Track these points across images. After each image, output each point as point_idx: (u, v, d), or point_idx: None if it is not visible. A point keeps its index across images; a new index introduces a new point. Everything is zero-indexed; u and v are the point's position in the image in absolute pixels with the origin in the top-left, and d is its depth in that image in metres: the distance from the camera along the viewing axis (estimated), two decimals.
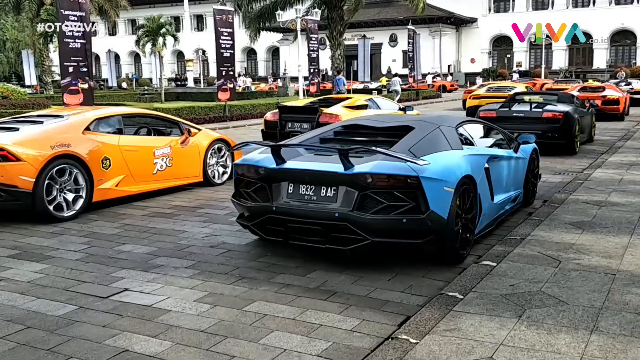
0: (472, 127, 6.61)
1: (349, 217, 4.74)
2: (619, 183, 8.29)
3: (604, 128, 17.80)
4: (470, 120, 6.57)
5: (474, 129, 6.63)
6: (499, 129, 7.19)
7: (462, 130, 6.17)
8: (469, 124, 6.46)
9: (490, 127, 7.07)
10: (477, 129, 6.72)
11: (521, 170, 7.12)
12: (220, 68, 20.51)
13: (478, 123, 6.90)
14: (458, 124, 6.10)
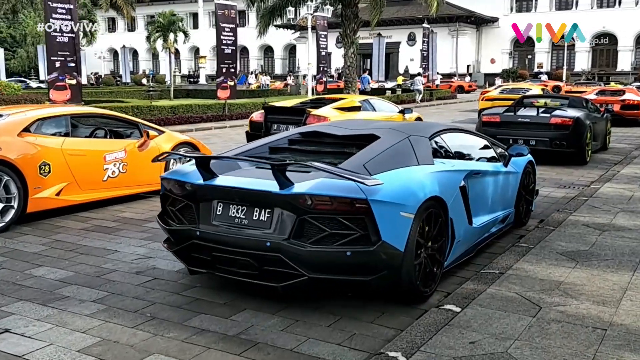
0: (453, 136, 5.70)
1: (283, 247, 3.89)
2: (629, 201, 7.32)
3: (622, 134, 16.69)
4: (450, 129, 5.67)
5: (455, 139, 5.72)
6: (488, 139, 6.28)
7: (439, 141, 5.28)
8: (448, 133, 5.55)
9: (478, 137, 6.16)
10: (459, 139, 5.81)
11: (512, 186, 6.21)
12: (220, 65, 19.75)
13: (461, 132, 5.99)
14: (434, 134, 5.21)
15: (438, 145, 5.24)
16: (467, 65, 63.00)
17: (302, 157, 4.85)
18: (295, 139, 5.28)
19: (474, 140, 6.05)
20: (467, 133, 6.09)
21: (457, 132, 5.86)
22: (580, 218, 6.47)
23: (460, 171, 4.98)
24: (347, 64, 35.91)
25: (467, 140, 5.95)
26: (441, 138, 5.34)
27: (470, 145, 5.93)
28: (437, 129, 5.39)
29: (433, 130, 5.29)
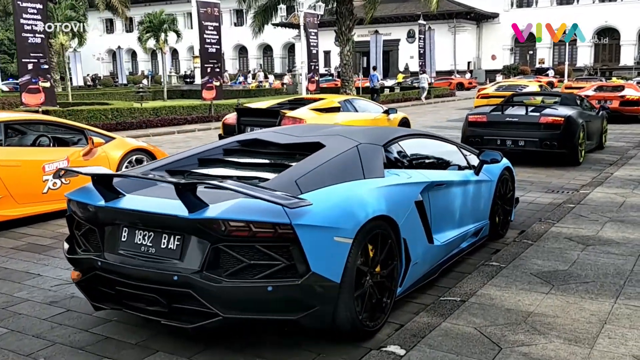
0: (416, 143, 5.08)
1: (193, 281, 3.28)
2: (619, 208, 6.68)
3: (620, 132, 16.03)
4: (413, 135, 5.05)
5: (418, 146, 5.10)
6: (458, 144, 5.65)
7: (396, 149, 4.66)
8: (409, 140, 4.93)
9: (446, 143, 5.53)
10: (422, 146, 5.19)
11: (485, 196, 5.58)
12: (204, 65, 19.13)
13: (426, 137, 5.36)
14: (390, 141, 4.59)
15: (395, 154, 4.62)
16: (468, 62, 62.30)
17: (235, 170, 4.24)
18: (231, 149, 4.67)
19: (441, 147, 5.43)
20: (434, 138, 5.47)
21: (420, 138, 5.24)
22: (563, 229, 5.84)
23: (417, 184, 4.36)
24: (343, 62, 35.29)
25: (433, 147, 5.33)
26: (400, 145, 4.72)
27: (435, 153, 5.31)
28: (395, 135, 4.76)
29: (390, 136, 4.67)
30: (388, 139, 4.59)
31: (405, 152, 4.75)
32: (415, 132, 5.31)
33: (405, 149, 4.78)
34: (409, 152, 4.83)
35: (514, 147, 10.37)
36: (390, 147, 4.59)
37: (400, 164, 4.62)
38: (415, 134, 5.22)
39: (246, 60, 76.83)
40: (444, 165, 5.31)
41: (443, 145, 5.47)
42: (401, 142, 4.77)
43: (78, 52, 49.55)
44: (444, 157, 5.41)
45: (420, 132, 5.40)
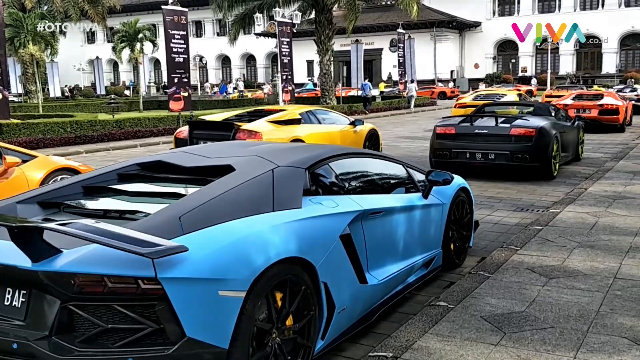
0: (351, 164, 4.42)
1: (36, 351, 2.58)
2: (590, 231, 6.05)
3: (600, 142, 15.51)
4: (348, 154, 4.38)
5: (353, 166, 4.45)
6: (406, 163, 4.99)
7: (325, 172, 4.00)
8: (343, 160, 4.27)
9: (390, 162, 4.87)
10: (360, 167, 4.53)
11: (436, 222, 4.93)
12: (171, 74, 18.44)
13: (366, 157, 4.70)
14: (317, 163, 3.92)
15: (323, 178, 3.96)
16: (451, 70, 62.01)
17: (118, 201, 3.56)
18: (127, 174, 3.97)
19: (385, 167, 4.77)
20: (377, 158, 4.80)
21: (359, 158, 4.58)
22: (526, 258, 5.19)
23: (344, 214, 3.69)
24: (322, 71, 34.79)
25: (374, 168, 4.67)
26: (330, 167, 4.05)
27: (377, 175, 4.66)
28: (326, 155, 4.09)
29: (319, 157, 4.00)
30: (315, 160, 3.92)
31: (337, 175, 4.09)
32: (353, 151, 4.64)
33: (337, 171, 4.12)
34: (342, 175, 4.18)
35: (484, 161, 9.77)
36: (318, 169, 3.92)
37: (329, 189, 3.96)
38: (353, 153, 4.56)
39: (229, 70, 76.17)
40: (387, 188, 4.66)
41: (387, 165, 4.82)
42: (333, 163, 4.10)
43: (55, 63, 48.63)
44: (387, 180, 4.76)
45: (359, 151, 4.74)
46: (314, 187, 3.77)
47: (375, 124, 24.73)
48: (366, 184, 4.46)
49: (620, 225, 6.23)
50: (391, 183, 4.76)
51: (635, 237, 5.77)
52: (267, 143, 4.70)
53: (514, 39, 61.42)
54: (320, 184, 3.92)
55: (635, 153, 12.25)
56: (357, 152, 4.64)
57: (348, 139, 11.45)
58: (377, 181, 4.63)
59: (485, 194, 8.81)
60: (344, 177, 4.20)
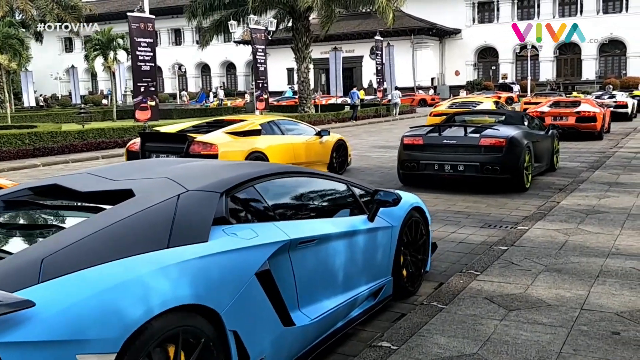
0: (288, 184, 3.91)
1: None
2: (559, 252, 5.57)
3: (576, 150, 15.14)
4: (279, 173, 3.85)
5: (290, 187, 3.93)
6: (350, 182, 4.46)
7: (250, 195, 3.47)
8: (279, 179, 3.75)
9: (332, 181, 4.34)
10: (297, 188, 4.01)
11: (384, 247, 4.41)
12: (137, 83, 17.78)
13: (303, 176, 4.16)
14: (239, 185, 3.39)
15: (244, 203, 3.44)
16: (432, 77, 61.88)
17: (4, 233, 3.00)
18: (15, 200, 3.41)
19: (324, 188, 4.24)
20: (315, 177, 4.27)
21: (294, 178, 4.03)
22: (486, 285, 4.69)
23: (263, 246, 3.15)
24: (300, 79, 34.34)
25: (311, 189, 4.15)
26: (255, 190, 3.51)
27: (313, 197, 4.14)
28: (250, 175, 3.55)
29: (241, 178, 3.46)
30: (236, 183, 3.38)
31: (265, 199, 3.55)
32: (289, 170, 4.09)
33: (266, 194, 3.58)
34: (272, 198, 3.66)
35: (453, 173, 9.29)
36: (240, 193, 3.39)
37: (252, 216, 3.44)
38: (288, 172, 4.01)
39: (209, 78, 75.50)
40: (327, 212, 4.14)
41: (329, 185, 4.29)
42: (261, 185, 3.57)
43: (30, 72, 47.69)
44: (327, 202, 4.24)
45: (295, 170, 4.18)
46: (232, 214, 3.24)
47: (351, 132, 24.42)
48: (301, 208, 3.93)
49: (591, 245, 5.75)
50: (332, 206, 4.24)
51: (607, 258, 5.29)
52: (191, 162, 4.15)
53: (494, 46, 61.57)
54: (242, 210, 3.39)
55: (612, 162, 11.86)
56: (293, 172, 4.09)
57: (313, 151, 10.94)
58: (315, 204, 4.10)
59: (453, 208, 8.32)
60: (274, 201, 3.68)
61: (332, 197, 4.28)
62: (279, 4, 32.88)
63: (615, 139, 17.56)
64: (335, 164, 11.57)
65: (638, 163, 11.60)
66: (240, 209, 3.38)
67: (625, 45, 56.42)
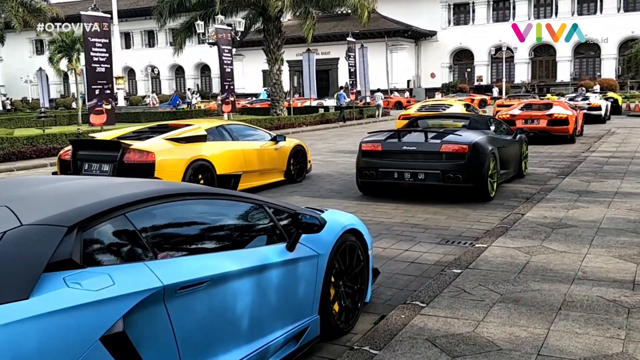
0: (178, 210, 3.17)
1: None
2: (518, 276, 4.91)
3: (548, 154, 14.62)
4: (177, 195, 3.11)
5: (180, 213, 3.20)
6: (270, 204, 3.73)
7: (120, 226, 2.75)
8: (165, 204, 3.01)
9: (248, 203, 3.61)
10: (189, 213, 3.28)
11: (308, 280, 3.70)
12: (92, 86, 16.95)
13: (203, 197, 3.42)
14: (103, 213, 2.66)
15: (108, 239, 2.71)
16: (407, 80, 61.53)
17: None
18: None
19: (229, 213, 3.52)
20: (219, 198, 3.52)
21: (189, 201, 3.28)
22: (430, 321, 4.00)
23: (118, 299, 2.42)
24: (272, 81, 33.61)
25: (211, 215, 3.42)
26: (127, 220, 2.78)
27: (213, 225, 3.43)
28: (122, 201, 2.81)
29: (105, 206, 2.72)
30: (95, 212, 2.65)
31: (139, 231, 2.81)
32: (185, 190, 3.34)
33: (141, 225, 2.84)
34: (151, 230, 2.94)
35: (413, 181, 8.64)
36: (100, 225, 2.66)
37: (115, 256, 2.72)
38: (183, 193, 3.27)
39: (183, 81, 74.39)
40: (231, 244, 3.40)
41: (237, 209, 3.56)
42: (136, 213, 2.84)
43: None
44: (232, 231, 3.52)
45: (194, 191, 3.42)
46: (86, 255, 2.51)
47: (320, 136, 23.76)
48: (193, 241, 3.19)
49: (555, 267, 5.11)
50: (240, 235, 3.52)
51: (572, 284, 4.65)
52: (66, 181, 3.41)
53: (469, 48, 61.41)
54: (102, 248, 2.67)
55: (584, 168, 11.31)
56: (192, 193, 3.35)
57: (267, 157, 10.22)
58: (215, 234, 3.37)
59: (411, 220, 7.66)
60: (154, 234, 2.96)
61: (242, 223, 3.56)
62: (250, 5, 32.18)
63: (588, 142, 17.10)
64: (293, 171, 10.87)
65: (610, 169, 11.07)
66: (99, 247, 2.65)
67: (600, 47, 56.58)
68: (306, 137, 22.43)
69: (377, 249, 6.24)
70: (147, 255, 2.78)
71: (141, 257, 2.75)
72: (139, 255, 2.76)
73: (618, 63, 56.24)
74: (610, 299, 4.31)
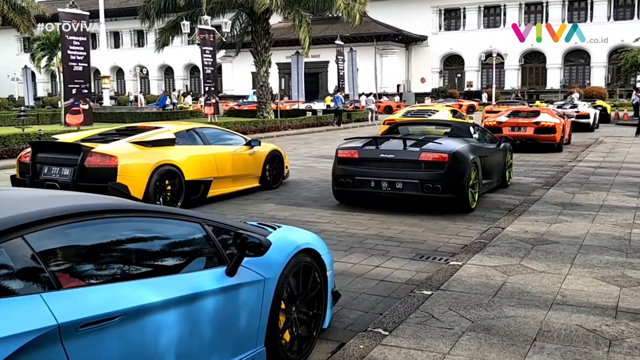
0: (91, 230, 2.76)
1: None
2: (493, 299, 4.52)
3: (534, 163, 14.29)
4: (93, 213, 2.70)
5: (93, 233, 2.78)
6: (207, 220, 3.30)
7: (15, 251, 2.33)
8: (75, 224, 2.60)
9: (178, 220, 3.19)
10: (105, 233, 2.86)
11: (251, 308, 3.29)
12: (69, 85, 16.46)
13: (124, 215, 2.99)
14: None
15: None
16: (397, 84, 61.27)
17: None
18: None
19: (158, 232, 3.10)
20: (151, 216, 3.11)
21: (108, 219, 2.85)
22: (391, 354, 3.60)
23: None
24: (259, 83, 33.19)
25: (135, 235, 3.00)
26: (25, 244, 2.37)
27: (135, 248, 3.01)
28: (20, 221, 2.41)
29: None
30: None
31: (39, 257, 2.40)
32: (104, 207, 2.92)
33: (42, 249, 2.44)
34: (54, 254, 2.54)
35: (391, 191, 8.26)
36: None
37: (4, 286, 2.29)
38: (102, 210, 2.85)
39: (172, 81, 73.78)
40: (156, 270, 2.97)
41: (169, 229, 3.14)
42: (37, 235, 2.43)
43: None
44: (159, 255, 3.09)
45: (118, 208, 3.00)
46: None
47: (305, 140, 23.35)
48: (107, 266, 2.77)
49: (533, 290, 4.73)
50: (171, 259, 3.10)
51: (549, 310, 4.27)
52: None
53: (459, 54, 61.22)
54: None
55: (569, 178, 10.97)
56: (112, 209, 2.92)
57: (241, 162, 9.80)
58: (139, 259, 2.95)
59: (386, 232, 7.26)
60: (58, 260, 2.55)
61: (173, 245, 3.15)
62: (237, 6, 31.76)
63: (575, 151, 16.80)
64: (269, 177, 10.45)
65: (596, 179, 10.74)
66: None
67: (590, 55, 56.56)
68: (290, 141, 22.06)
69: (346, 265, 5.86)
70: (47, 285, 2.36)
71: (39, 288, 2.34)
72: (35, 286, 2.34)
73: (608, 71, 56.25)
74: (591, 328, 3.94)
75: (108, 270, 2.74)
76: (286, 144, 20.80)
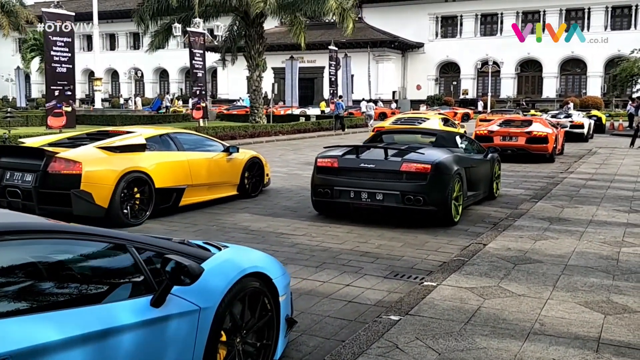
0: None
1: None
2: (465, 327, 4.14)
3: (524, 174, 13.95)
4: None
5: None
6: (137, 242, 2.93)
7: None
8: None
9: (98, 242, 2.82)
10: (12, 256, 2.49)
11: (181, 344, 2.92)
12: (51, 87, 16.07)
13: (44, 235, 2.61)
14: None
15: None
16: (393, 91, 60.99)
17: None
18: None
19: (70, 254, 2.73)
20: (67, 237, 2.72)
21: (9, 244, 2.48)
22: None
23: None
24: (252, 87, 32.83)
25: (43, 260, 2.63)
26: None
27: (41, 275, 2.62)
28: None
29: None
30: None
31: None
32: (7, 228, 2.55)
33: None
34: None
35: (371, 202, 7.89)
36: None
37: None
38: (5, 231, 2.48)
39: (167, 84, 73.44)
40: (69, 300, 2.60)
41: (88, 249, 2.77)
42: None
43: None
44: (72, 281, 2.71)
45: (25, 228, 2.62)
46: None
47: (294, 146, 22.97)
48: (4, 298, 2.40)
49: (509, 316, 4.35)
50: (83, 288, 2.72)
51: (525, 341, 3.89)
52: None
53: (456, 61, 60.99)
54: None
55: (559, 191, 10.62)
56: (14, 231, 2.55)
57: (218, 170, 9.42)
58: (42, 289, 2.57)
59: (362, 247, 6.88)
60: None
61: (87, 271, 2.78)
62: (231, 9, 31.43)
63: (568, 162, 16.46)
64: (248, 185, 10.08)
65: (587, 192, 10.39)
66: None
67: (586, 64, 56.41)
68: (279, 147, 21.70)
69: (314, 283, 5.49)
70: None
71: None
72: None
73: (604, 81, 56.07)
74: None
75: (3, 303, 2.36)
76: (275, 149, 20.45)
